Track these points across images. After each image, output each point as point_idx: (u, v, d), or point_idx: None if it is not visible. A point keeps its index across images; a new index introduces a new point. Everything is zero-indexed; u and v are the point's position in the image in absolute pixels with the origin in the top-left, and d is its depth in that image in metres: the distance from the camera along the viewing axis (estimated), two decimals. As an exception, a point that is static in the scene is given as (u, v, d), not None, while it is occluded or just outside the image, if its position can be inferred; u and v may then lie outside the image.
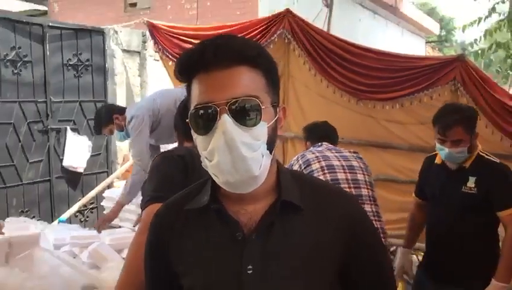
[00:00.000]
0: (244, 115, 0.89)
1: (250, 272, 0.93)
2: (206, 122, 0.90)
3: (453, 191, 2.35)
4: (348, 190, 2.47)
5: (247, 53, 0.92)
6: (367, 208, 2.51)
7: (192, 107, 0.93)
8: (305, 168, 2.60)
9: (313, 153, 2.68)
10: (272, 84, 0.97)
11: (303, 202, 0.98)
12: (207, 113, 0.90)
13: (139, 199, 3.45)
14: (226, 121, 0.87)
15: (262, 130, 0.91)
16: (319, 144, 2.82)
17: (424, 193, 2.62)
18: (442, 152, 2.35)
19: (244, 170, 0.90)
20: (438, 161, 2.50)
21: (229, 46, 0.91)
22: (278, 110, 0.98)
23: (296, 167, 2.64)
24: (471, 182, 2.29)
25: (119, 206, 3.64)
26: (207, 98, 0.90)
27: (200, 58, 0.91)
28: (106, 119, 3.81)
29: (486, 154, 2.37)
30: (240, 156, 0.88)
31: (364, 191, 2.57)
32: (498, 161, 2.36)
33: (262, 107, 0.91)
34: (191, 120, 0.93)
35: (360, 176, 2.61)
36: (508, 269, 2.23)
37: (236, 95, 0.89)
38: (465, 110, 2.42)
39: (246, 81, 0.91)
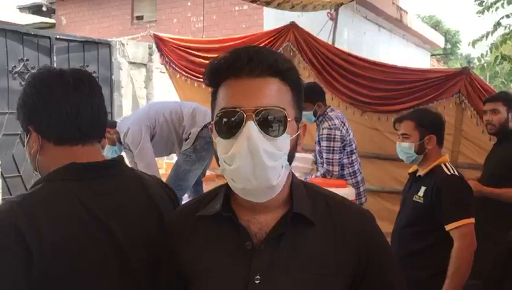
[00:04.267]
0: (269, 124, 0.90)
1: (257, 282, 0.92)
2: (231, 126, 0.90)
3: (409, 199, 2.32)
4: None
5: (279, 66, 0.93)
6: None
7: (217, 111, 0.94)
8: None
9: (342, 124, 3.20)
10: (297, 100, 0.98)
11: (315, 216, 0.97)
12: (233, 117, 0.90)
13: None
14: (251, 127, 0.88)
15: (285, 141, 0.92)
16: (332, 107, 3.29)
17: None
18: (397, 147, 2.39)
19: (262, 178, 0.90)
20: (411, 169, 2.46)
21: (262, 57, 0.92)
22: (299, 125, 0.99)
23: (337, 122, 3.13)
24: (421, 192, 2.21)
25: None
26: (235, 103, 0.90)
27: (233, 64, 0.92)
28: None
29: (446, 166, 2.24)
30: (261, 164, 0.88)
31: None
32: (453, 173, 2.20)
33: (288, 119, 0.92)
34: (215, 122, 0.93)
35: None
36: (453, 286, 2.03)
37: (264, 104, 0.90)
38: (424, 111, 2.49)
39: (275, 93, 0.92)
